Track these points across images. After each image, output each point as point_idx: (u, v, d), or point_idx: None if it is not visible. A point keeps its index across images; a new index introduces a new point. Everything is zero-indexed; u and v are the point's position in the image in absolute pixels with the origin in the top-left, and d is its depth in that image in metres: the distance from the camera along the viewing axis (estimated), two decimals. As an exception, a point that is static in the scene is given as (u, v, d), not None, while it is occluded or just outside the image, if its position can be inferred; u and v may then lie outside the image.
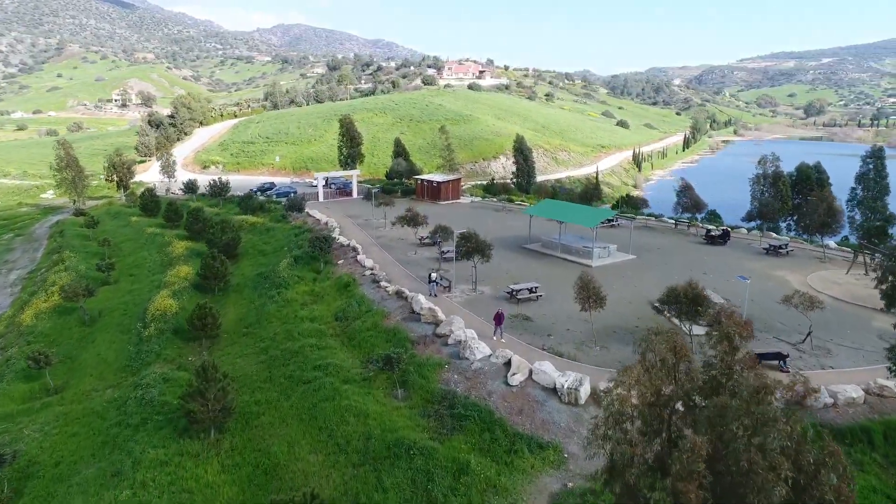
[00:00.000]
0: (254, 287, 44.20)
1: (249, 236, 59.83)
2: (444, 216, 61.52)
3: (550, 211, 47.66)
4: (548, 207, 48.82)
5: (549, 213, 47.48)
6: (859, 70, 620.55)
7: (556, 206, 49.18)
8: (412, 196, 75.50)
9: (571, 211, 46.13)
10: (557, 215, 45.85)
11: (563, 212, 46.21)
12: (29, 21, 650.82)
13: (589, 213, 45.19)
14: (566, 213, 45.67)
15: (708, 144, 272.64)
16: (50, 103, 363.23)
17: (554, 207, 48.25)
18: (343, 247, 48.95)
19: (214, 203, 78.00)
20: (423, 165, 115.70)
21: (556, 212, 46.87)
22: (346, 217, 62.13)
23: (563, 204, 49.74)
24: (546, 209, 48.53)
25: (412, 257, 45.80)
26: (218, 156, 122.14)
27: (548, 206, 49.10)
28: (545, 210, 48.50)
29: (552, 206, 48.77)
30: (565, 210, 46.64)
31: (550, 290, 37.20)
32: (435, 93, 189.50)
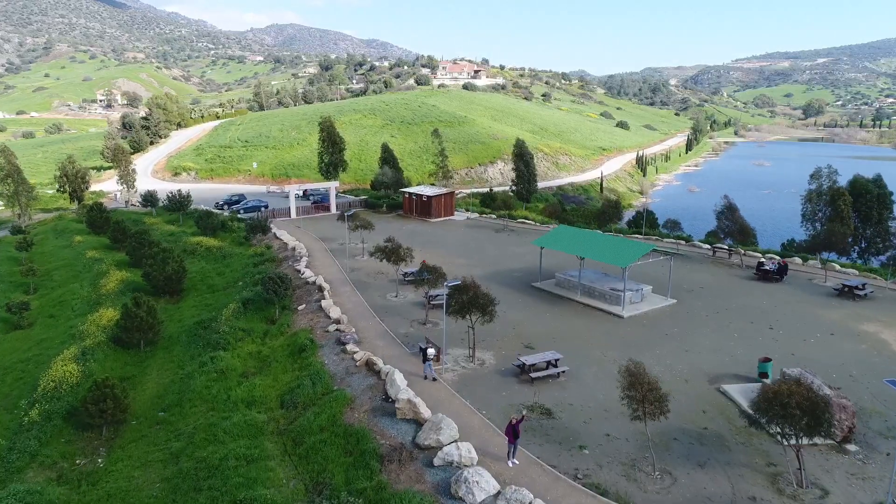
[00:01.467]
0: (188, 343, 34.44)
1: (202, 264, 50.04)
2: (434, 239, 51.94)
3: (566, 242, 37.82)
4: (563, 237, 38.86)
5: (564, 245, 37.68)
6: (855, 70, 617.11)
7: (574, 235, 39.14)
8: (399, 211, 65.79)
9: (594, 243, 36.29)
10: (576, 249, 36.14)
11: (584, 244, 36.47)
12: (17, 20, 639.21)
13: (618, 247, 35.29)
14: (588, 246, 35.95)
15: (710, 146, 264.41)
16: (35, 104, 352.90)
17: (570, 238, 38.31)
18: (307, 284, 39.23)
19: (174, 219, 68.16)
20: (415, 172, 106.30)
21: (573, 243, 37.14)
22: (319, 240, 52.38)
23: (582, 233, 39.69)
24: (560, 240, 38.63)
25: (392, 302, 36.10)
26: (191, 161, 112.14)
27: (562, 236, 39.09)
28: (559, 241, 38.58)
29: (568, 237, 38.76)
30: (586, 241, 36.79)
31: (574, 356, 27.65)
32: (428, 93, 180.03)
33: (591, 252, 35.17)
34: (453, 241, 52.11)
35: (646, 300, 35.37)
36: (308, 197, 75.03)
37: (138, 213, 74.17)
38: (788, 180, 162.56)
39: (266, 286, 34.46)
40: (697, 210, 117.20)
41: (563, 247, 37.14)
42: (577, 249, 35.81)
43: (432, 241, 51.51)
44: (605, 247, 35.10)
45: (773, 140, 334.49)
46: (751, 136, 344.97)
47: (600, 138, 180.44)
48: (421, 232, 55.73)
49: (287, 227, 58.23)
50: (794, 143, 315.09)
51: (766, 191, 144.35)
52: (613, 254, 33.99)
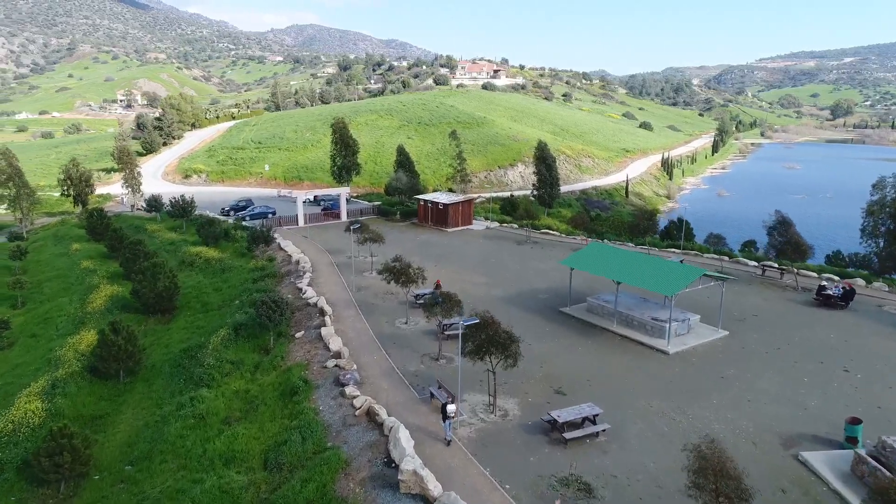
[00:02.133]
0: (171, 375, 30.55)
1: (199, 278, 46.30)
2: (449, 252, 47.62)
3: (600, 263, 33.05)
4: (595, 257, 34.06)
5: (598, 266, 32.95)
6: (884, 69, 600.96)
7: (608, 255, 34.63)
8: (413, 219, 61.57)
9: (633, 265, 31.49)
10: (612, 271, 31.46)
11: (621, 265, 31.78)
12: (42, 21, 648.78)
13: (661, 270, 30.46)
14: (626, 269, 31.27)
15: (737, 148, 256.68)
16: (57, 104, 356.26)
17: (604, 258, 33.51)
18: (308, 306, 35.16)
19: (177, 225, 64.73)
20: (432, 175, 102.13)
21: (608, 265, 32.44)
22: (326, 252, 48.36)
23: (618, 253, 34.89)
24: (593, 260, 33.86)
25: (401, 329, 31.83)
26: (202, 163, 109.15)
27: (595, 256, 34.29)
28: (592, 261, 33.78)
29: (602, 256, 33.96)
30: (623, 263, 32.03)
31: (613, 406, 23.18)
32: (447, 93, 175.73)
33: (631, 276, 30.50)
34: (471, 254, 47.76)
35: (692, 331, 30.69)
36: (319, 203, 71.21)
37: (142, 219, 70.97)
38: (822, 184, 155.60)
39: (259, 311, 30.43)
40: (729, 216, 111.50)
41: (597, 268, 32.52)
42: (614, 272, 31.17)
43: (448, 255, 47.24)
44: (645, 270, 30.39)
45: (801, 141, 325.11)
46: (777, 137, 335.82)
47: (623, 139, 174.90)
48: (436, 243, 51.48)
49: (293, 236, 54.34)
50: (824, 145, 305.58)
51: (800, 196, 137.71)
52: (657, 279, 29.30)
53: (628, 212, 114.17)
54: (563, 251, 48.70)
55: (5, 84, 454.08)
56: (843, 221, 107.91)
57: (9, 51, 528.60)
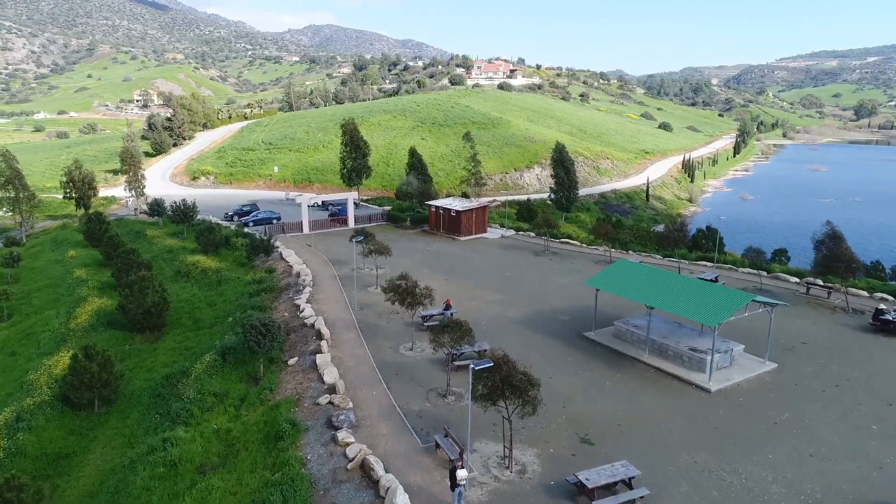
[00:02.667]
0: (148, 407, 27.48)
1: (194, 290, 43.34)
2: (462, 264, 44.18)
3: (630, 285, 29.20)
4: (624, 277, 30.05)
5: (627, 287, 29.13)
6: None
7: (638, 275, 29.88)
8: (424, 226, 58.20)
9: (668, 288, 27.65)
10: (645, 295, 27.72)
11: (654, 288, 28.06)
12: (63, 22, 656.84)
13: (702, 295, 26.29)
14: (660, 292, 27.54)
15: (759, 149, 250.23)
16: (75, 104, 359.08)
17: (635, 278, 29.49)
18: (305, 327, 31.94)
19: (179, 231, 62.01)
20: (445, 178, 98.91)
21: (640, 287, 28.65)
22: (329, 263, 45.17)
23: (650, 273, 30.02)
24: (621, 280, 29.92)
25: (405, 357, 28.45)
26: (211, 165, 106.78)
27: (624, 276, 30.57)
28: (620, 281, 29.88)
29: (631, 276, 30.21)
30: (656, 285, 28.22)
31: (650, 461, 19.62)
32: (462, 93, 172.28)
33: (666, 301, 26.78)
34: (485, 266, 44.27)
35: (736, 363, 26.97)
36: (326, 208, 68.12)
37: (144, 224, 68.49)
38: (850, 187, 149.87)
39: (248, 336, 27.24)
40: (755, 222, 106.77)
41: (626, 290, 28.79)
42: (646, 295, 27.49)
43: (460, 267, 43.80)
44: (683, 294, 26.66)
45: (824, 142, 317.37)
46: (800, 138, 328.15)
47: (642, 140, 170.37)
48: (447, 254, 48.06)
49: (297, 245, 51.26)
50: (848, 146, 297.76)
51: (828, 200, 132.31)
52: (697, 305, 25.57)
53: (649, 216, 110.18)
54: (584, 263, 45.08)
55: (26, 84, 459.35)
56: (877, 228, 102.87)
57: (30, 51, 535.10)
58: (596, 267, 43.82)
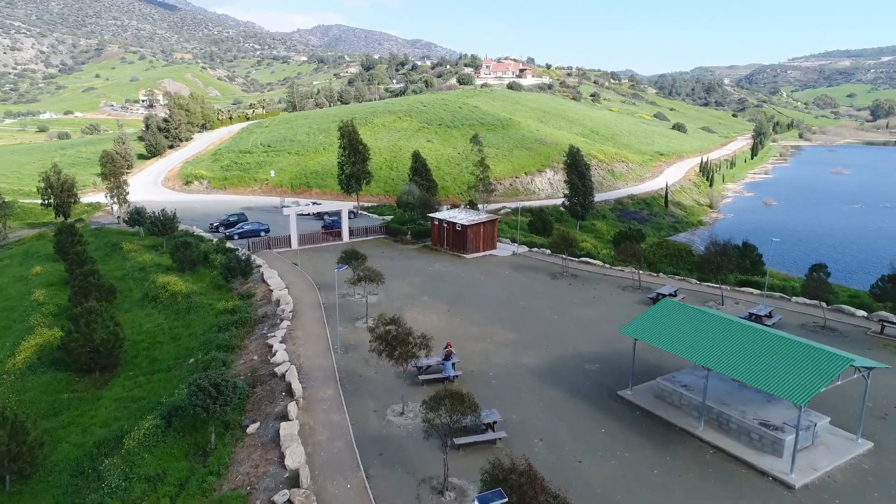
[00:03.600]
0: (67, 489, 21.72)
1: (159, 319, 37.62)
2: (467, 289, 38.17)
3: (680, 337, 22.46)
4: (671, 326, 23.31)
5: (676, 341, 22.47)
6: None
7: (690, 322, 23.11)
8: (426, 241, 52.21)
9: (731, 343, 20.93)
10: (701, 352, 21.45)
11: (712, 341, 21.71)
12: (73, 22, 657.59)
13: (780, 356, 19.88)
14: (721, 349, 21.22)
15: (776, 151, 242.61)
16: (82, 104, 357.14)
17: (686, 327, 22.93)
18: (274, 378, 26.14)
19: (158, 243, 56.46)
20: (452, 182, 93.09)
21: (692, 340, 22.26)
22: (315, 288, 39.32)
23: (705, 318, 23.13)
24: (668, 330, 23.09)
25: (393, 427, 22.46)
26: (205, 169, 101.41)
27: (670, 323, 23.38)
28: (666, 332, 22.90)
29: (680, 325, 23.12)
30: (715, 337, 21.52)
31: None
32: (470, 93, 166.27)
33: (732, 362, 20.49)
34: (494, 293, 38.26)
35: (820, 442, 20.83)
36: (322, 217, 62.29)
37: (124, 235, 62.98)
38: (877, 191, 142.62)
39: (195, 399, 21.40)
40: (784, 230, 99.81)
41: (676, 344, 22.44)
42: (704, 353, 21.25)
43: (465, 295, 37.79)
44: (754, 352, 20.46)
45: (842, 143, 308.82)
46: (817, 139, 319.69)
47: (657, 142, 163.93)
48: (451, 276, 42.06)
49: (282, 263, 45.48)
50: (868, 148, 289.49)
51: (857, 205, 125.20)
52: (776, 371, 19.39)
53: (669, 223, 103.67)
54: (609, 289, 38.98)
55: (34, 84, 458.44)
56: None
57: (38, 51, 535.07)
58: (623, 295, 37.74)
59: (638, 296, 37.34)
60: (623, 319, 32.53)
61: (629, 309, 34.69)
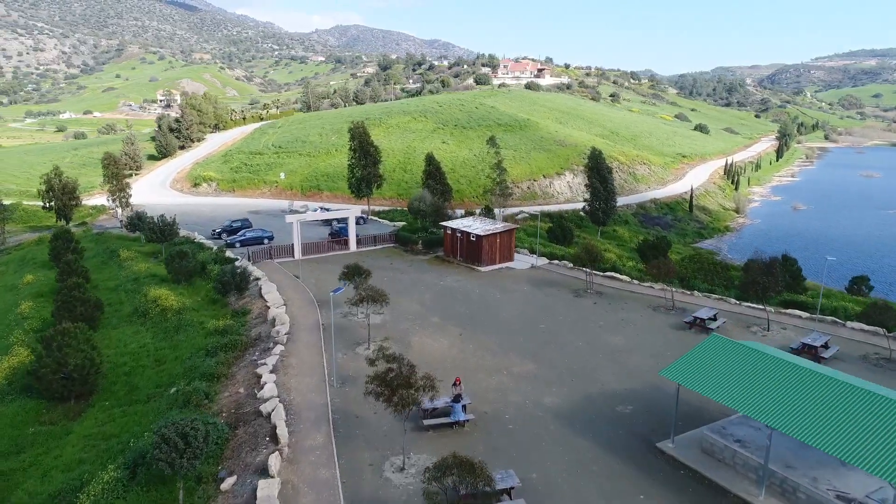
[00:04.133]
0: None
1: (146, 339, 34.58)
2: (482, 309, 34.58)
3: (734, 386, 18.31)
4: (723, 371, 19.39)
5: (731, 391, 18.38)
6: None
7: (746, 365, 19.45)
8: (437, 251, 48.75)
9: (800, 395, 17.03)
10: (760, 407, 17.65)
11: (775, 392, 17.91)
12: (94, 23, 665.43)
13: (867, 414, 16.10)
14: (788, 402, 17.41)
15: (802, 153, 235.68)
16: (102, 104, 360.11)
17: (741, 373, 19.15)
18: (259, 417, 22.88)
19: (157, 251, 53.68)
20: (468, 185, 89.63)
21: (748, 388, 18.30)
22: (315, 305, 36.04)
23: (763, 360, 19.40)
24: (720, 377, 19.27)
25: (393, 488, 19.03)
26: (214, 171, 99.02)
27: (722, 367, 19.70)
28: (717, 379, 18.64)
29: (735, 369, 19.45)
30: (779, 386, 17.72)
31: None
32: (487, 93, 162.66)
33: (803, 422, 16.64)
34: (511, 314, 34.66)
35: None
36: (329, 223, 59.06)
37: (124, 240, 60.38)
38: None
39: (159, 452, 18.17)
40: (817, 238, 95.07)
41: (731, 394, 18.41)
42: (768, 408, 17.44)
43: (479, 316, 34.23)
44: (832, 411, 16.73)
45: (870, 145, 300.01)
46: (843, 140, 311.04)
47: (678, 143, 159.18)
48: (464, 293, 38.54)
49: (283, 275, 42.33)
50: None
51: (892, 211, 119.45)
52: (859, 436, 15.70)
53: (694, 229, 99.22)
54: (638, 310, 35.19)
55: (55, 84, 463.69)
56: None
57: (61, 52, 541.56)
58: (654, 317, 33.94)
59: (672, 318, 33.54)
60: (658, 349, 28.82)
61: (663, 334, 30.95)
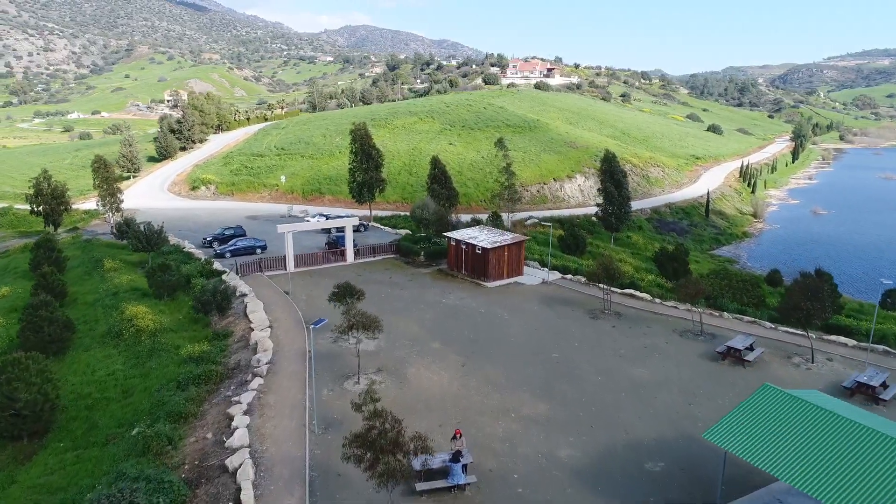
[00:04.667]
0: None
1: (117, 364, 31.26)
2: (487, 333, 30.90)
3: (791, 456, 14.66)
4: (778, 437, 15.63)
5: (790, 466, 14.58)
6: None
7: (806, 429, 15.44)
8: (441, 263, 45.20)
9: (880, 473, 14.01)
10: (831, 491, 14.29)
11: (846, 468, 14.40)
12: (105, 24, 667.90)
13: None
14: (863, 485, 14.06)
15: (818, 154, 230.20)
16: (110, 104, 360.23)
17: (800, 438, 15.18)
18: (223, 473, 19.48)
19: (144, 260, 50.52)
20: (475, 189, 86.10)
21: (812, 463, 14.76)
22: (304, 327, 32.63)
23: (828, 419, 15.49)
24: (774, 444, 15.38)
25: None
26: (214, 173, 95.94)
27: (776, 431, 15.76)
28: (769, 447, 14.72)
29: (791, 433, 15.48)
30: (850, 458, 14.18)
31: None
32: (496, 93, 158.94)
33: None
34: (520, 340, 31.03)
35: None
36: (328, 232, 55.48)
37: (112, 248, 57.35)
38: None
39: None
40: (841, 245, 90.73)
41: (795, 472, 14.59)
42: (833, 491, 13.97)
43: (484, 340, 30.63)
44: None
45: (887, 146, 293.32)
46: (859, 141, 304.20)
47: (691, 144, 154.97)
48: (469, 313, 34.93)
49: (272, 291, 38.93)
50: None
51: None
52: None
53: (710, 235, 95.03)
54: (663, 335, 31.47)
55: (65, 84, 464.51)
56: None
57: (71, 52, 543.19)
58: (682, 344, 30.22)
59: (701, 346, 29.84)
60: (688, 385, 25.17)
61: (693, 367, 27.28)
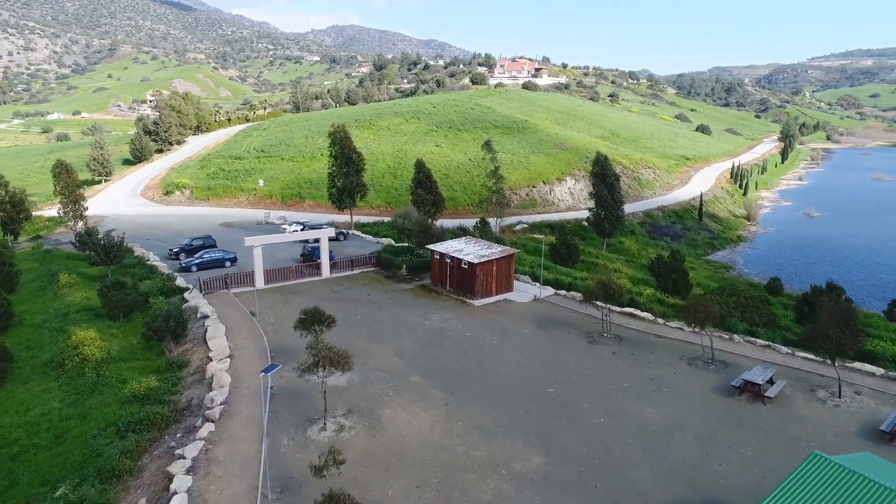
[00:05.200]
0: None
1: (54, 402, 27.39)
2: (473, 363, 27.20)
3: None
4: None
5: None
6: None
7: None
8: (424, 278, 41.73)
9: None
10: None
11: None
12: (87, 23, 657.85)
13: None
14: None
15: (807, 154, 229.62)
16: (92, 104, 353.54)
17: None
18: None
19: (103, 274, 46.63)
20: (462, 192, 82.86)
21: None
22: (269, 356, 29.06)
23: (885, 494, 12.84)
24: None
25: None
26: (189, 177, 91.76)
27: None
28: None
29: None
30: None
31: None
32: (484, 93, 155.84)
33: None
34: (511, 371, 27.60)
35: None
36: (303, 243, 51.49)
37: (73, 259, 53.35)
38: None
39: None
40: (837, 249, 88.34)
41: None
42: None
43: (471, 372, 27.20)
44: None
45: (874, 146, 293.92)
46: (846, 141, 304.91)
47: (681, 145, 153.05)
48: (454, 338, 31.47)
49: (238, 310, 35.26)
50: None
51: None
52: None
53: (705, 239, 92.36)
54: (670, 362, 28.22)
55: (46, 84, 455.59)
56: None
57: (52, 51, 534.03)
58: (691, 375, 27.00)
59: (713, 377, 26.64)
60: (703, 429, 21.91)
61: (706, 404, 24.06)
